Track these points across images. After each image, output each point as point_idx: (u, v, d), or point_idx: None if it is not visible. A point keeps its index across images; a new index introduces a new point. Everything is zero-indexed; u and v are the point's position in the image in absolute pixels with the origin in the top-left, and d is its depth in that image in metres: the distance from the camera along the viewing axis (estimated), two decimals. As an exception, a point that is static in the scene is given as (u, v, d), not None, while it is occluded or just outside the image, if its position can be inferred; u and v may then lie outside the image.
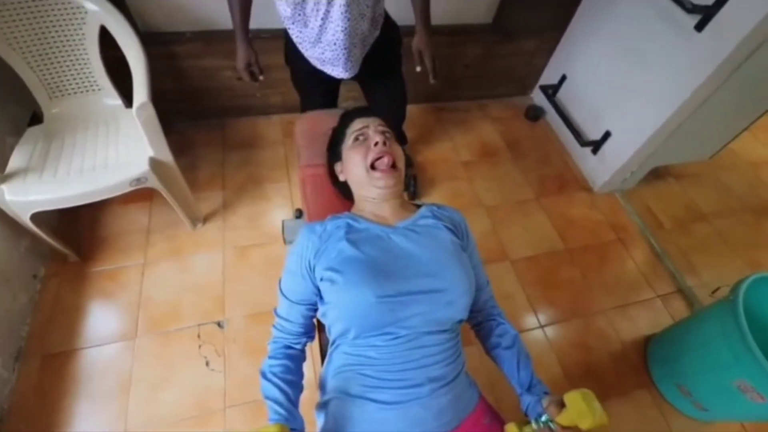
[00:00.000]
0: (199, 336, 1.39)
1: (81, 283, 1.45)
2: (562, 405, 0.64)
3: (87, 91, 1.38)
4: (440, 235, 0.82)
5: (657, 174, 2.07)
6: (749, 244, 1.93)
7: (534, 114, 2.28)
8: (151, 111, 1.17)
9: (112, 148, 1.32)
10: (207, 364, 1.33)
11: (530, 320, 1.55)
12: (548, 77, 2.28)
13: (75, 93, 1.37)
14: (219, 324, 1.42)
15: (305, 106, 1.48)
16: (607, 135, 1.91)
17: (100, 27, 1.28)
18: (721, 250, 1.88)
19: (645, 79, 1.70)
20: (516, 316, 1.55)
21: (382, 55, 1.27)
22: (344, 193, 0.95)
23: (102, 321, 1.39)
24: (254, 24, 1.23)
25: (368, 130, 0.86)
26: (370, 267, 0.73)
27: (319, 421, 0.77)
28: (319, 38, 1.12)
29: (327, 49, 1.14)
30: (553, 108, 2.16)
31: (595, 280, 1.70)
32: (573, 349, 1.49)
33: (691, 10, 1.37)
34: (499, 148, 2.15)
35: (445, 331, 0.75)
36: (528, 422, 0.67)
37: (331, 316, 0.76)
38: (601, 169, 1.98)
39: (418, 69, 1.24)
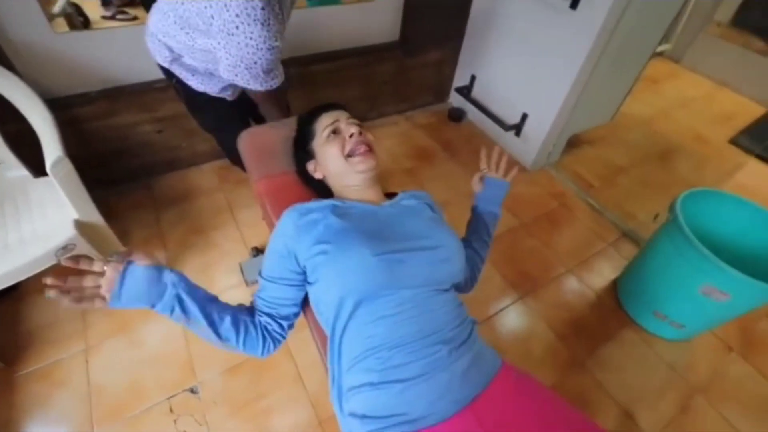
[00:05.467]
0: (171, 410, 1.20)
1: (8, 393, 1.20)
2: None
3: (-17, 166, 1.22)
4: (423, 211, 0.87)
5: (573, 144, 2.29)
6: (664, 184, 2.19)
7: (456, 115, 2.44)
8: (68, 166, 1.06)
9: (25, 222, 1.15)
10: (188, 438, 1.15)
11: (510, 295, 1.57)
12: (460, 80, 2.47)
13: (-32, 171, 1.20)
14: (192, 390, 1.25)
15: (228, 142, 1.38)
16: (524, 117, 2.09)
17: (-9, 93, 1.15)
18: (644, 194, 2.11)
19: (543, 60, 1.91)
20: (496, 295, 1.57)
21: None
22: (320, 191, 0.93)
23: (45, 428, 1.15)
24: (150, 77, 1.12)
25: (340, 123, 0.87)
26: (362, 232, 0.71)
27: (346, 422, 0.69)
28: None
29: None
30: (472, 105, 2.33)
31: (554, 244, 1.79)
32: (556, 311, 1.54)
33: (563, -9, 1.59)
34: (434, 150, 2.25)
35: (446, 290, 0.74)
36: None
37: (325, 293, 0.71)
38: (527, 149, 2.15)
39: None
